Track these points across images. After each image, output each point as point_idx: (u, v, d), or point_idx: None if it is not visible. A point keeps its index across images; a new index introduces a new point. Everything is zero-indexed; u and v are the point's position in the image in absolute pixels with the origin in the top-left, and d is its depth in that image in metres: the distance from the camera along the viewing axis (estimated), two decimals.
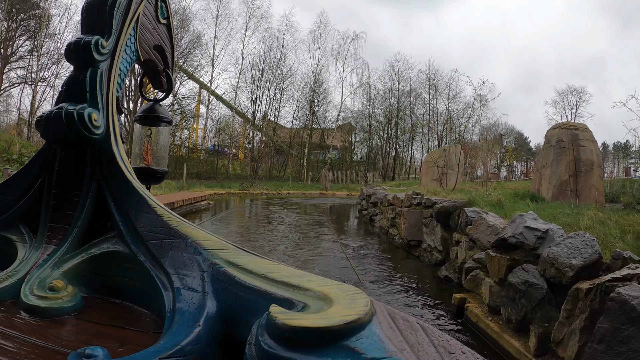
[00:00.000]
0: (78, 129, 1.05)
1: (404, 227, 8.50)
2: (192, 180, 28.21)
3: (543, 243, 4.28)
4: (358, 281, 5.83)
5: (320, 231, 10.86)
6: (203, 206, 15.69)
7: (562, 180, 9.38)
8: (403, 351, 0.59)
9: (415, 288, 5.76)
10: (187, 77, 36.01)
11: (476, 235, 5.62)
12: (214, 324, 0.73)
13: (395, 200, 10.41)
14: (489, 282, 4.47)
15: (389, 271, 6.64)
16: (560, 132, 9.75)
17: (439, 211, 7.08)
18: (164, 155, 1.84)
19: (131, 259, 0.94)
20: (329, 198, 26.66)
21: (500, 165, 49.86)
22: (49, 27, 31.63)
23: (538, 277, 3.85)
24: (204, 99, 39.66)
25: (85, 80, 1.11)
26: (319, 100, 43.07)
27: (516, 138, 58.98)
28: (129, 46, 1.30)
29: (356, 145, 47.18)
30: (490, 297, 4.37)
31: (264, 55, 41.27)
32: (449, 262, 6.65)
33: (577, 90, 47.75)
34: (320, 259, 7.34)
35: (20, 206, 1.11)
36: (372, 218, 13.41)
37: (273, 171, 40.42)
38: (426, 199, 8.15)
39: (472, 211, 6.30)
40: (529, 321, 3.78)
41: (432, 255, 7.28)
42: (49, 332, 0.78)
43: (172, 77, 1.72)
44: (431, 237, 7.49)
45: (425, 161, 18.12)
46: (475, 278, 4.92)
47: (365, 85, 44.96)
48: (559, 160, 9.49)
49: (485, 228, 5.54)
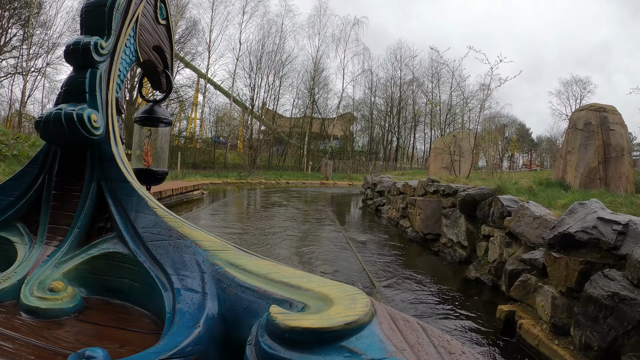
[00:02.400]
0: (78, 130, 1.05)
1: (419, 218, 7.39)
2: (188, 170, 27.27)
3: (625, 240, 3.18)
4: (371, 285, 4.74)
5: (323, 222, 9.75)
6: (196, 196, 14.55)
7: (590, 167, 8.41)
8: (403, 351, 0.58)
9: (441, 293, 4.67)
10: (184, 66, 34.68)
11: (518, 228, 4.52)
12: (214, 324, 0.73)
13: (406, 189, 9.29)
14: (550, 291, 3.37)
15: (406, 272, 5.54)
16: (588, 114, 8.74)
17: (464, 200, 5.96)
18: (163, 156, 1.81)
19: (131, 260, 0.93)
20: (330, 188, 25.59)
21: (502, 156, 48.88)
22: (40, 15, 30.23)
23: (631, 288, 2.76)
24: (201, 88, 38.29)
25: (84, 81, 1.11)
26: (319, 88, 41.61)
27: (518, 129, 57.83)
28: (128, 47, 1.29)
29: (357, 134, 45.85)
30: (553, 311, 3.28)
31: (262, 41, 39.70)
32: (477, 261, 5.56)
33: (581, 80, 46.11)
34: (324, 256, 6.25)
35: (20, 207, 1.10)
36: (378, 208, 12.30)
37: (272, 161, 39.21)
38: (445, 186, 7.03)
39: (508, 199, 5.19)
40: (618, 350, 2.70)
41: (454, 252, 6.18)
42: (49, 333, 0.78)
43: (172, 77, 1.70)
44: (453, 230, 6.38)
45: (434, 147, 16.95)
46: (526, 285, 3.82)
47: (367, 72, 43.50)
48: (587, 145, 8.54)
49: (531, 220, 4.43)
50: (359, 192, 19.06)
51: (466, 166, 14.02)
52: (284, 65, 40.54)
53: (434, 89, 43.28)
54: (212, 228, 8.17)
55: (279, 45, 40.08)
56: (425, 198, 7.57)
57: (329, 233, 8.31)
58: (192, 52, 35.98)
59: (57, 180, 1.10)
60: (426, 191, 7.89)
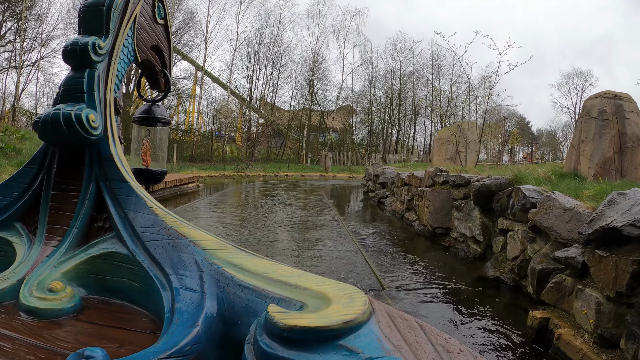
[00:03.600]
0: (76, 130, 1.05)
1: (427, 210, 6.88)
2: (185, 163, 26.76)
3: None
4: (379, 286, 4.23)
5: (323, 216, 9.25)
6: (191, 189, 14.02)
7: (605, 158, 8.01)
8: (401, 350, 0.58)
9: (457, 295, 4.18)
10: (181, 58, 33.92)
11: (546, 222, 4.01)
12: (212, 324, 0.73)
13: (411, 180, 8.77)
14: (593, 296, 2.87)
15: (416, 270, 5.04)
16: (603, 102, 8.31)
17: (479, 191, 5.45)
18: (162, 155, 1.79)
19: (130, 260, 0.94)
20: (329, 180, 25.07)
21: (502, 149, 48.38)
22: (33, 8, 29.39)
23: None
24: (198, 80, 37.47)
25: (82, 81, 1.11)
26: (318, 80, 40.86)
27: (518, 122, 57.32)
28: (126, 47, 1.29)
29: (357, 126, 45.19)
30: (598, 320, 2.78)
31: (260, 31, 38.89)
32: (494, 257, 5.06)
33: (582, 73, 45.67)
34: (326, 253, 5.74)
35: (19, 207, 1.10)
36: (381, 200, 11.79)
37: (271, 153, 38.64)
38: (456, 176, 6.51)
39: (531, 190, 4.68)
40: None
41: (468, 247, 5.67)
42: (48, 333, 0.79)
43: (170, 77, 1.68)
44: (466, 223, 5.88)
45: (437, 138, 16.36)
46: (560, 287, 3.32)
47: (367, 64, 42.73)
48: (601, 135, 8.15)
49: (561, 212, 3.92)
50: (359, 185, 18.54)
51: (471, 157, 13.51)
52: (283, 56, 39.78)
53: (434, 81, 42.57)
54: (206, 227, 7.67)
55: (277, 36, 39.28)
56: (434, 189, 7.05)
57: (331, 229, 7.81)
58: (189, 44, 35.30)
59: (55, 181, 1.10)
60: (434, 182, 7.37)
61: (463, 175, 6.30)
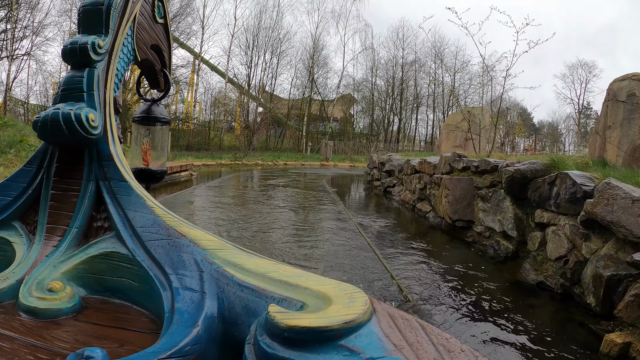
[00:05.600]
0: (75, 129, 1.04)
1: (445, 200, 6.07)
2: (181, 152, 25.92)
3: None
4: (403, 298, 3.43)
5: (323, 208, 8.45)
6: (184, 177, 13.19)
7: (636, 145, 7.35)
8: (402, 350, 0.57)
9: (493, 305, 3.39)
10: (179, 45, 32.78)
11: (610, 216, 3.21)
12: (212, 324, 0.72)
13: (423, 167, 7.95)
14: None
15: (440, 273, 4.25)
16: (632, 84, 7.59)
17: (512, 177, 4.64)
18: (162, 155, 1.77)
19: (129, 260, 0.93)
20: (330, 169, 24.26)
21: (503, 141, 47.52)
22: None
23: None
24: (195, 67, 36.32)
25: (82, 81, 1.11)
26: (318, 67, 39.69)
27: (519, 113, 56.43)
28: (126, 46, 1.28)
29: (357, 115, 44.13)
30: None
31: (259, 17, 37.66)
32: (532, 257, 4.27)
33: (587, 64, 44.60)
34: (331, 250, 4.96)
35: (18, 207, 1.10)
36: (387, 190, 10.99)
37: (270, 142, 37.70)
38: (480, 161, 5.68)
39: (581, 176, 3.87)
40: None
41: (497, 245, 4.88)
42: (47, 333, 0.78)
43: (170, 77, 1.68)
44: (494, 216, 5.07)
45: (446, 124, 15.42)
46: None
47: (368, 50, 41.53)
48: (630, 120, 7.48)
49: (629, 204, 3.12)
50: (362, 173, 17.73)
51: (482, 145, 12.68)
52: (282, 42, 38.62)
53: (437, 69, 41.43)
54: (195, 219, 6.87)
55: (276, 21, 38.09)
56: (453, 176, 6.23)
57: (334, 223, 7.00)
58: (186, 32, 34.15)
59: (55, 180, 1.09)
60: (452, 168, 6.55)
61: (489, 160, 5.48)
